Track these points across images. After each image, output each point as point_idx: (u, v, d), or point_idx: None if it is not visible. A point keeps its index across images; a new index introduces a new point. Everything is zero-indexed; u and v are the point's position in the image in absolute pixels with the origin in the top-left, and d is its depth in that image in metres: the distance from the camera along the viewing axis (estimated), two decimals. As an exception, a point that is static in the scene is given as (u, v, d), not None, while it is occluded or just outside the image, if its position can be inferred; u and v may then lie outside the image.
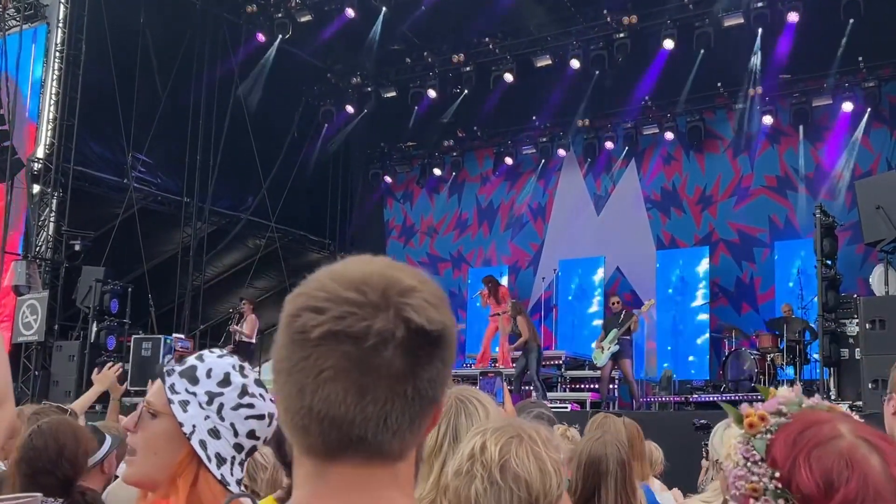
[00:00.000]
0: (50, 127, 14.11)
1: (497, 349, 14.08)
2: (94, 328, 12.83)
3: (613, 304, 12.76)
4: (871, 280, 10.34)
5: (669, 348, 14.85)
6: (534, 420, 1.86)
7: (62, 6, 14.23)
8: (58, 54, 14.14)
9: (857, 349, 9.44)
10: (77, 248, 13.78)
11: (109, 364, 5.72)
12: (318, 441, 0.95)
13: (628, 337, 12.21)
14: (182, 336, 14.32)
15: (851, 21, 13.39)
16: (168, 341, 13.35)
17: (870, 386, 8.51)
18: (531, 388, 11.80)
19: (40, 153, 14.07)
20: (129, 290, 13.45)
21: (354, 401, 0.92)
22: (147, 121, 14.83)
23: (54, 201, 13.98)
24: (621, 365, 12.09)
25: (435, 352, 0.95)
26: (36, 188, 14.04)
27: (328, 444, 0.94)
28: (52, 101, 14.11)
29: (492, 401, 2.42)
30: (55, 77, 14.12)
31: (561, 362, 13.49)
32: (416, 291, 0.95)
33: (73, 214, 13.97)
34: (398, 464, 0.98)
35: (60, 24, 14.21)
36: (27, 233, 13.96)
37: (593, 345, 12.54)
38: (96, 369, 5.69)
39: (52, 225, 13.92)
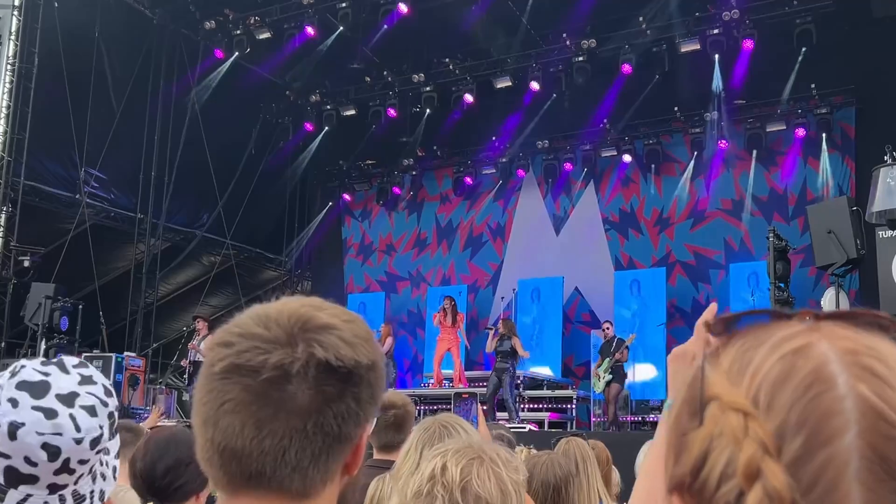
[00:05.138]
0: (0, 140, 13.79)
1: (453, 369, 14.04)
2: (43, 346, 12.50)
3: (605, 330, 12.89)
4: (822, 303, 10.49)
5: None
6: (494, 442, 1.85)
7: (15, 18, 13.94)
8: (9, 67, 13.83)
9: (811, 370, 9.55)
10: (26, 264, 13.44)
11: None
12: (220, 474, 0.95)
13: (620, 364, 12.42)
14: (134, 354, 14.03)
15: (804, 49, 13.70)
16: (119, 360, 13.08)
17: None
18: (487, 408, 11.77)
19: (-11, 167, 13.74)
20: (80, 307, 13.15)
21: (251, 434, 0.92)
22: (101, 136, 14.57)
23: (3, 216, 13.63)
24: (610, 387, 12.26)
25: (345, 389, 0.94)
26: (-16, 202, 13.69)
27: (230, 477, 0.95)
28: (3, 115, 13.80)
29: (473, 428, 2.46)
30: (6, 90, 13.82)
31: (520, 382, 13.46)
32: (332, 329, 0.95)
33: (22, 230, 13.64)
34: (305, 502, 0.96)
35: (13, 37, 13.92)
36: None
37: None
38: None
39: (0, 240, 13.58)
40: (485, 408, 11.11)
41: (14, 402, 1.33)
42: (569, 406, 13.31)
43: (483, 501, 1.70)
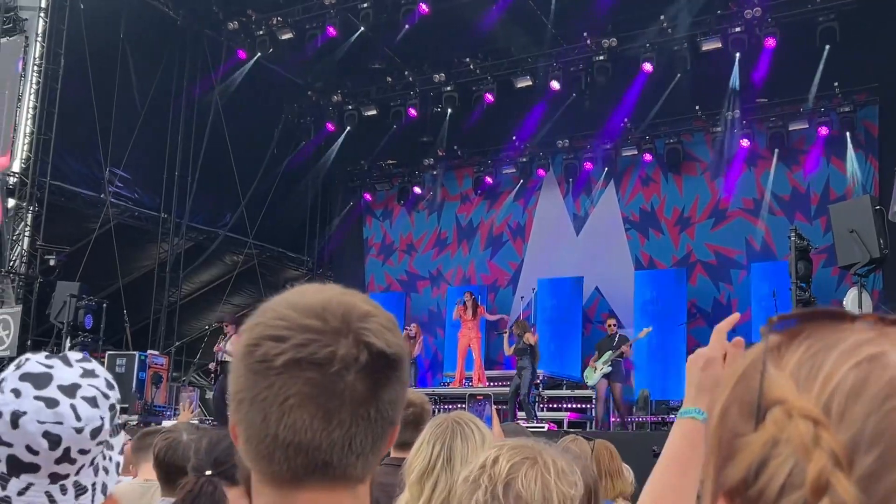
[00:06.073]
0: (27, 141, 13.98)
1: (472, 368, 14.09)
2: (68, 344, 12.66)
3: (609, 325, 12.91)
4: (844, 303, 10.41)
5: (644, 369, 14.88)
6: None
7: (41, 20, 14.14)
8: (36, 68, 14.03)
9: (832, 371, 9.48)
10: (52, 262, 13.62)
11: None
12: (282, 468, 0.95)
13: (621, 360, 12.40)
14: (157, 353, 14.17)
15: (828, 47, 13.59)
16: (143, 358, 13.21)
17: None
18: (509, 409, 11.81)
19: (16, 167, 13.94)
20: (104, 305, 13.30)
21: (321, 426, 0.93)
22: (125, 136, 14.75)
23: (29, 216, 13.84)
24: (612, 387, 12.29)
25: (393, 374, 0.97)
26: (11, 202, 13.89)
27: (294, 471, 0.95)
28: (30, 115, 14.00)
29: (487, 427, 2.46)
30: (33, 91, 14.01)
31: (539, 382, 13.47)
32: (373, 317, 0.97)
33: (48, 229, 13.83)
34: (359, 486, 0.99)
35: (39, 38, 14.12)
36: (1, 247, 13.79)
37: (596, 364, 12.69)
38: None
39: (26, 239, 13.77)
40: (502, 407, 11.16)
41: (17, 393, 1.36)
42: (588, 406, 13.30)
43: (523, 502, 1.65)
